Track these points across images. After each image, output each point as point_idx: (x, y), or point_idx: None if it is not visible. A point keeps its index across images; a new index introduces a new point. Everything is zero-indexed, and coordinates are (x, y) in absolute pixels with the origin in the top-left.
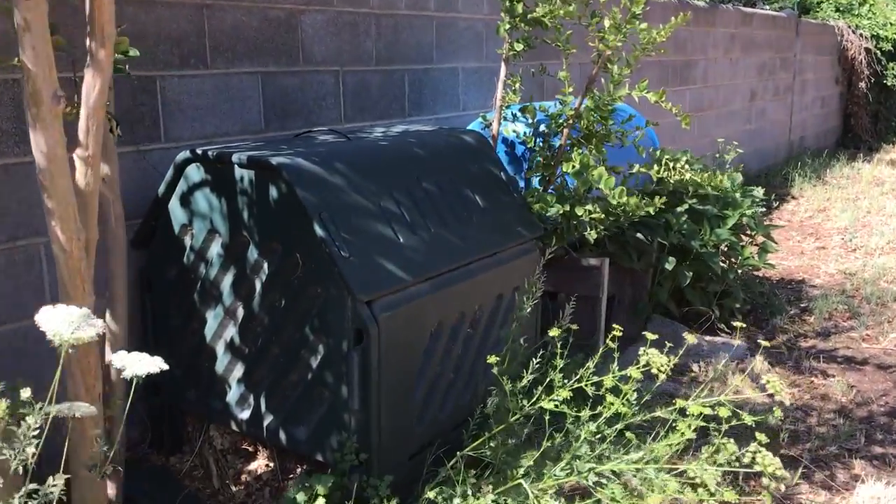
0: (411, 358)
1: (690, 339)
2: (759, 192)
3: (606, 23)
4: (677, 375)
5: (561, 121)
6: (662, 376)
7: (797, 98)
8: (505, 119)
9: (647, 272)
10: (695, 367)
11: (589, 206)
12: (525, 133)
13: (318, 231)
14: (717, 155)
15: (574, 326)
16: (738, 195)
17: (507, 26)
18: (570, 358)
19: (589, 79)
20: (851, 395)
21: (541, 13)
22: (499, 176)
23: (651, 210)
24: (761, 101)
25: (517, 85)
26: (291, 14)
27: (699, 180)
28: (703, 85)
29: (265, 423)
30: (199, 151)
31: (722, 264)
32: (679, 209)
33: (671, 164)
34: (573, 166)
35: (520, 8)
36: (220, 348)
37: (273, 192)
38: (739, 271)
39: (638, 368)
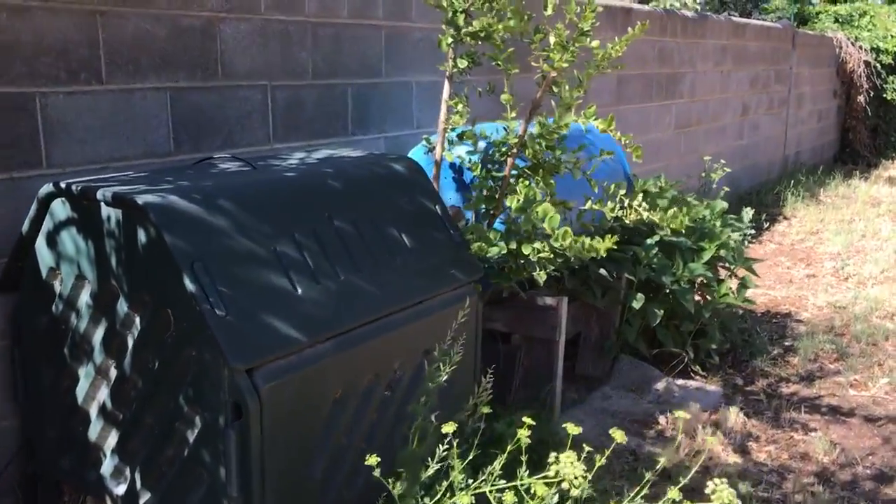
0: (308, 430)
1: (660, 385)
2: (747, 214)
3: (552, 40)
4: (642, 428)
5: (504, 149)
6: (581, 487)
7: (793, 112)
8: (451, 143)
9: (614, 309)
10: (661, 420)
11: (537, 245)
12: (471, 159)
13: (189, 284)
14: (703, 174)
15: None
16: (717, 224)
17: (450, 40)
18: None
19: (533, 103)
20: (834, 454)
21: (477, 27)
22: (433, 210)
23: (599, 252)
24: (754, 115)
25: (459, 106)
26: (209, 23)
27: (657, 220)
28: (691, 99)
29: (141, 502)
30: (62, 185)
31: (699, 300)
32: (649, 241)
33: (626, 201)
34: (517, 200)
35: (461, 20)
36: (93, 412)
37: (141, 235)
38: (717, 308)
39: (548, 479)
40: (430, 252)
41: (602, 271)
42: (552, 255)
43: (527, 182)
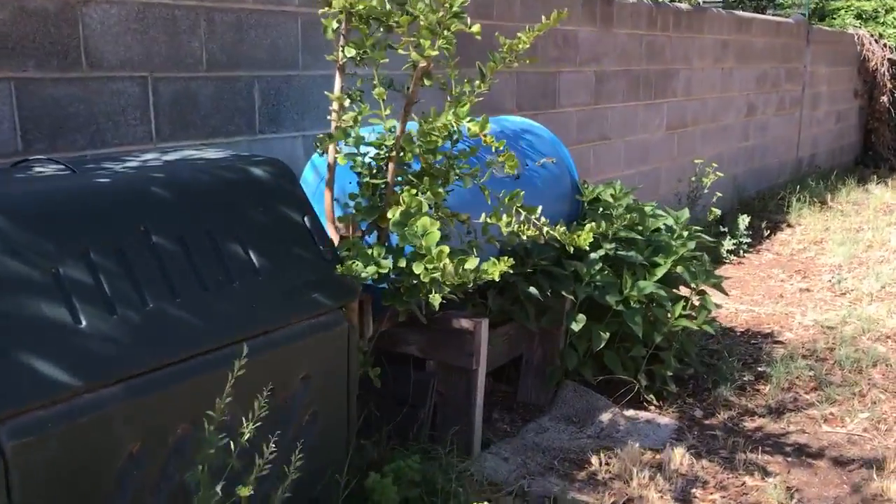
0: (89, 495)
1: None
2: (743, 221)
3: (423, 22)
4: (573, 469)
5: (383, 152)
6: None
7: (807, 112)
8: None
9: (557, 331)
10: (594, 460)
11: (429, 264)
12: (366, 162)
13: None
14: (693, 178)
15: None
16: (677, 237)
17: (335, 24)
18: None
19: (406, 98)
20: None
21: (337, 7)
22: (299, 222)
23: (493, 276)
24: (762, 115)
25: (347, 101)
26: (67, 5)
27: (557, 236)
28: (686, 97)
29: None
30: None
31: (663, 319)
32: (593, 255)
33: (524, 214)
34: (397, 213)
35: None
36: None
37: None
38: (673, 331)
39: None
40: (287, 272)
41: (532, 290)
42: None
43: (413, 191)
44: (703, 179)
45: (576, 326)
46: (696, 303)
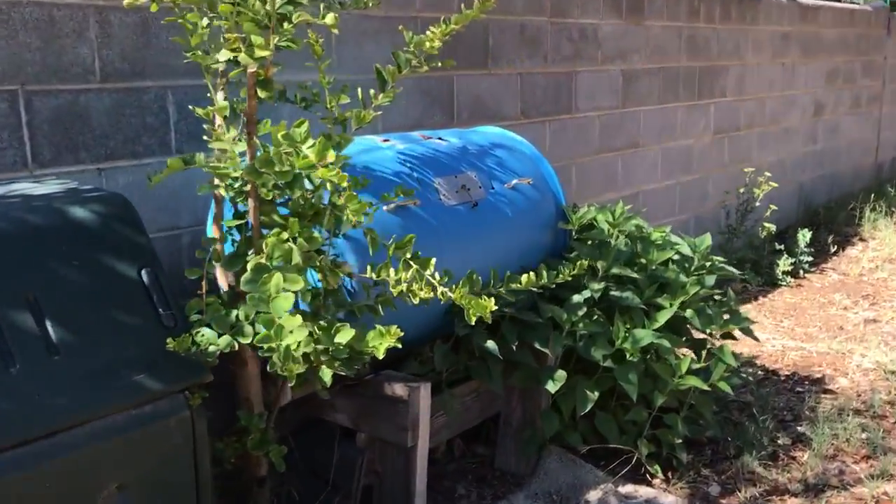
0: None
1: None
2: (803, 237)
3: (246, 12)
4: None
5: (237, 185)
6: None
7: (888, 110)
8: None
9: (534, 389)
10: None
11: (308, 333)
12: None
13: None
14: (741, 190)
15: None
16: (694, 270)
17: (205, 22)
18: None
19: (245, 115)
20: None
21: None
22: (132, 278)
23: (373, 355)
24: (832, 114)
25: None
26: None
27: (461, 301)
28: (738, 97)
29: None
30: None
31: (666, 377)
32: (577, 298)
33: (416, 268)
34: (250, 266)
35: None
36: None
37: None
38: (680, 390)
39: None
40: (101, 348)
41: (490, 345)
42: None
43: (283, 235)
44: (754, 190)
45: (552, 386)
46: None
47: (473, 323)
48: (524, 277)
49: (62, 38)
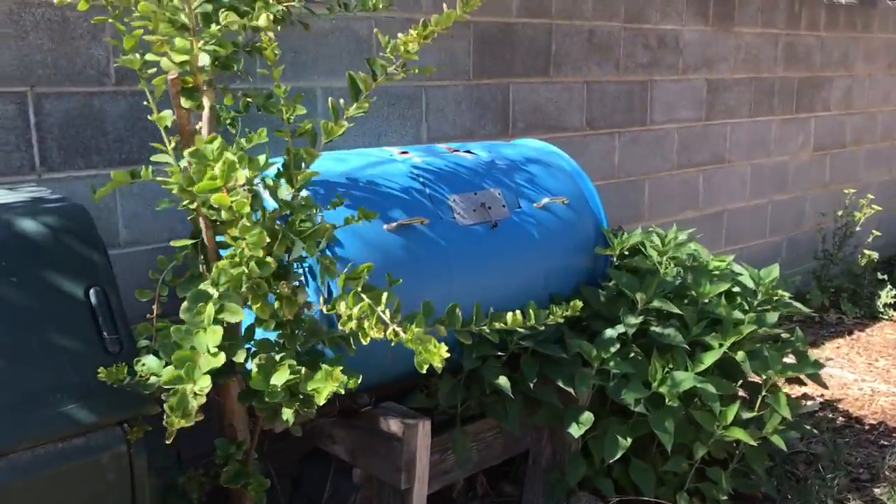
0: None
1: None
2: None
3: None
4: None
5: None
6: None
7: None
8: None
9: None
10: None
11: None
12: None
13: None
14: (840, 214)
15: None
16: (758, 305)
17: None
18: None
19: (179, 130)
20: None
21: None
22: (76, 298)
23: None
24: None
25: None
26: None
27: (410, 344)
28: (844, 111)
29: None
30: None
31: (708, 426)
32: (610, 333)
33: (368, 301)
34: (191, 293)
35: None
36: None
37: None
38: (724, 440)
39: None
40: (38, 371)
41: (502, 382)
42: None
43: (236, 258)
44: (855, 214)
45: (576, 430)
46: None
47: (424, 371)
48: (509, 316)
49: (76, 39)
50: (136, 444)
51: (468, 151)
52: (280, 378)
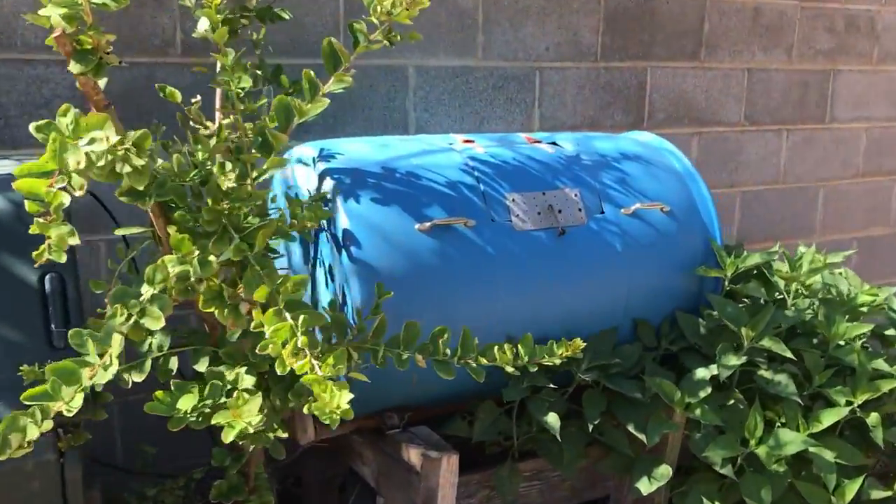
0: None
1: None
2: None
3: None
4: None
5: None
6: None
7: None
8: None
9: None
10: None
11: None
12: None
13: None
14: None
15: None
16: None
17: None
18: None
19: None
20: None
21: None
22: (29, 285)
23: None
24: None
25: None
26: None
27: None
28: None
29: None
30: None
31: (819, 501)
32: (701, 373)
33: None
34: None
35: None
36: None
37: None
38: None
39: None
40: None
41: (550, 419)
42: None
43: (189, 245)
44: None
45: (646, 486)
46: None
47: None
48: (497, 352)
49: (140, 7)
50: (70, 454)
51: (553, 143)
52: (186, 403)
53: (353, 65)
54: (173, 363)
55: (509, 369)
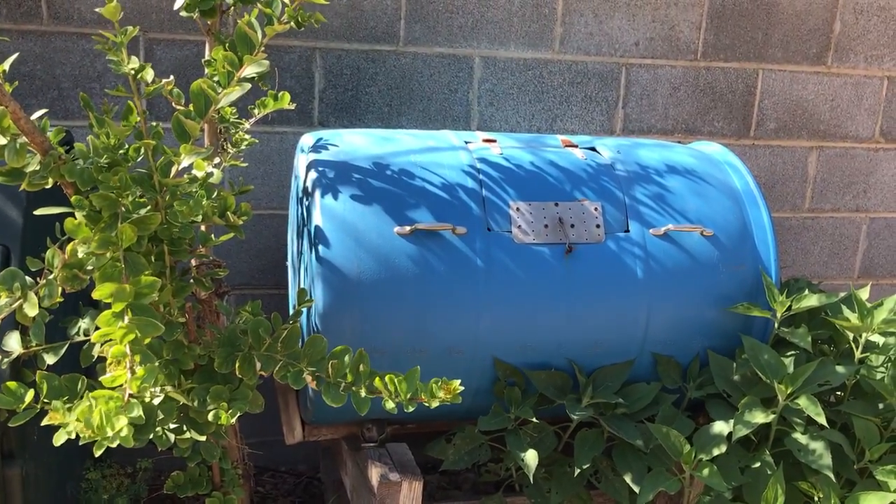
0: None
1: None
2: None
3: None
4: None
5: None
6: None
7: None
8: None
9: None
10: None
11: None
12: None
13: None
14: None
15: None
16: None
17: None
18: None
19: None
20: None
21: None
22: None
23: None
24: None
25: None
26: None
27: None
28: None
29: None
30: None
31: None
32: (718, 427)
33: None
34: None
35: None
36: None
37: None
38: None
39: None
40: None
41: (529, 457)
42: None
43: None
44: None
45: None
46: None
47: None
48: (378, 383)
49: None
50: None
51: (591, 149)
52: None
53: (409, 52)
54: (96, 350)
55: (389, 405)
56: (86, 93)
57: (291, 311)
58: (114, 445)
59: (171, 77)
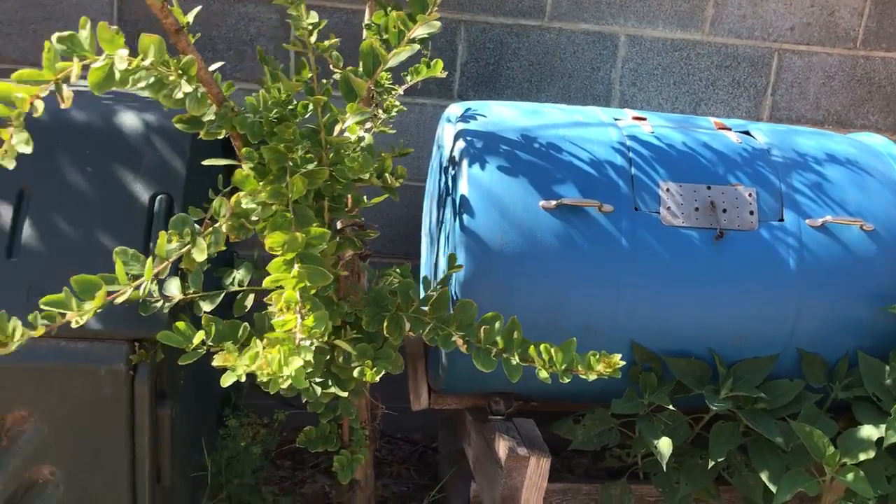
0: None
1: None
2: None
3: None
4: None
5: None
6: None
7: None
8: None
9: None
10: None
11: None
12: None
13: None
14: None
15: None
16: None
17: None
18: None
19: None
20: None
21: None
22: (146, 203)
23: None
24: None
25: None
26: None
27: None
28: None
29: None
30: None
31: None
32: (865, 431)
33: None
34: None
35: None
36: None
37: None
38: None
39: None
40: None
41: (662, 444)
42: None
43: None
44: None
45: None
46: None
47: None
48: (532, 352)
49: None
50: (141, 368)
51: (745, 133)
52: (199, 338)
53: (554, 27)
54: (249, 300)
55: (543, 374)
56: (238, 55)
57: (423, 281)
58: (285, 386)
59: (335, 39)
